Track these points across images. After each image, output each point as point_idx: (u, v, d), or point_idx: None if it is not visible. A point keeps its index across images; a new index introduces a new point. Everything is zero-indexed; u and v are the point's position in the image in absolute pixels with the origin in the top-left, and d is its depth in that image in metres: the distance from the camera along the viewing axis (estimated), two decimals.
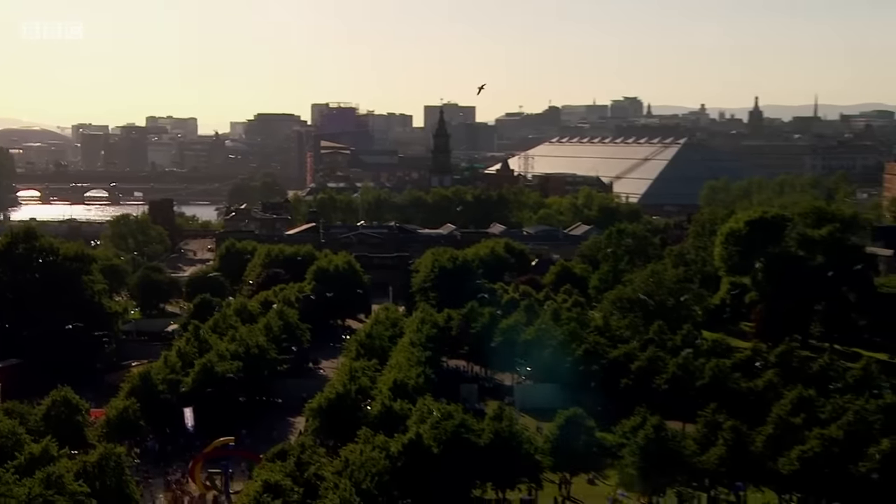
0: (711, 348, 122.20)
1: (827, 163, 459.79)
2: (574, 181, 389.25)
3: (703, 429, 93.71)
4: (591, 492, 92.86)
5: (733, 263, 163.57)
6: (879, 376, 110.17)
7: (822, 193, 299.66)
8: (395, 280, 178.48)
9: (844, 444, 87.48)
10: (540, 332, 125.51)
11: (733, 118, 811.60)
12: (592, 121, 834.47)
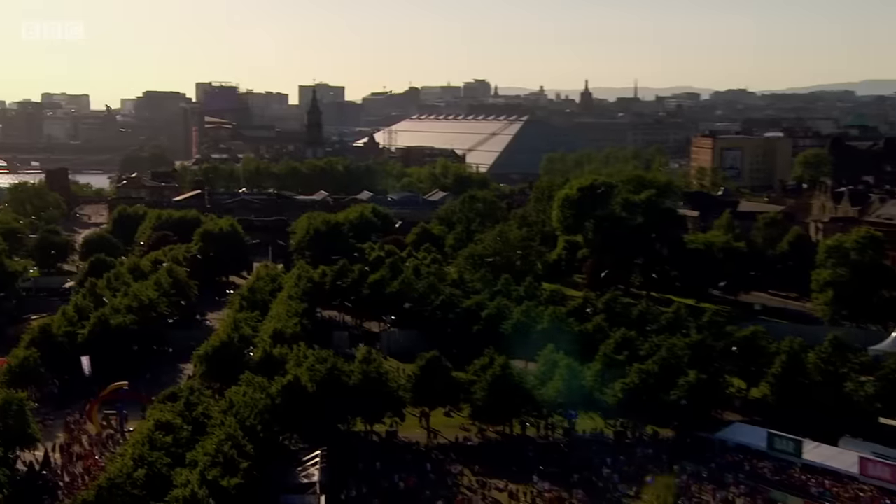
0: (550, 297, 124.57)
1: (645, 137, 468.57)
2: (432, 153, 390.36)
3: (543, 366, 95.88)
4: (447, 423, 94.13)
5: (568, 224, 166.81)
6: (687, 318, 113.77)
7: (641, 164, 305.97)
8: (274, 241, 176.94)
9: (659, 376, 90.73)
10: (403, 286, 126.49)
11: (567, 98, 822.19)
12: (447, 100, 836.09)
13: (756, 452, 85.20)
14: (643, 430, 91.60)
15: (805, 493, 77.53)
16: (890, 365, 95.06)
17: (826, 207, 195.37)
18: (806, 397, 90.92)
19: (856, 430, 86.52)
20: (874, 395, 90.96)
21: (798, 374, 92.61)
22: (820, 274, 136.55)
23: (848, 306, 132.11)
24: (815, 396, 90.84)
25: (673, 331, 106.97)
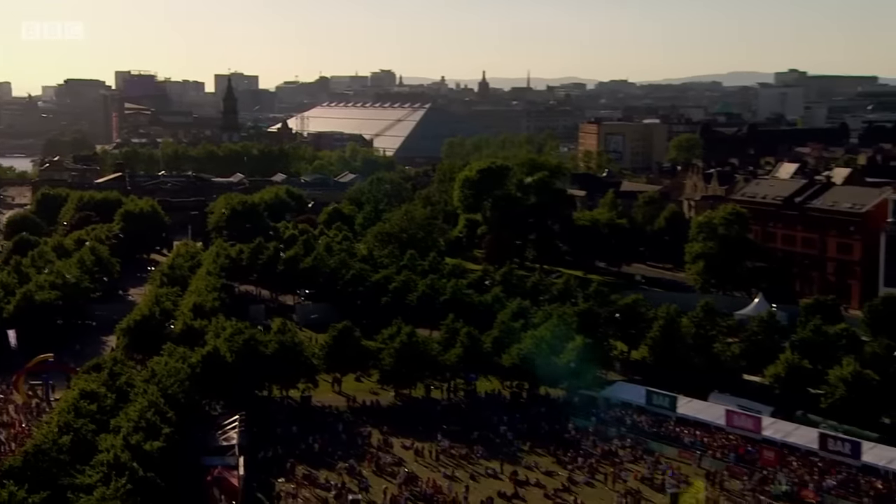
0: (452, 271, 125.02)
1: (537, 124, 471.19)
2: (342, 138, 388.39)
3: (446, 334, 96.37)
4: (358, 387, 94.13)
5: (468, 204, 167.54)
6: (576, 289, 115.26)
7: (533, 148, 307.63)
8: (193, 221, 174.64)
9: (551, 342, 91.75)
10: (316, 262, 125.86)
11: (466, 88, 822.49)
12: (356, 89, 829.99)
13: (636, 408, 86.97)
14: (536, 391, 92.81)
15: (679, 443, 79.37)
16: (752, 327, 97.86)
17: (697, 187, 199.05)
18: (680, 358, 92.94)
19: (723, 386, 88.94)
20: (739, 354, 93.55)
21: (673, 337, 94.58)
22: (692, 247, 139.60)
23: (716, 276, 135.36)
24: (688, 357, 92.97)
25: (563, 300, 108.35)
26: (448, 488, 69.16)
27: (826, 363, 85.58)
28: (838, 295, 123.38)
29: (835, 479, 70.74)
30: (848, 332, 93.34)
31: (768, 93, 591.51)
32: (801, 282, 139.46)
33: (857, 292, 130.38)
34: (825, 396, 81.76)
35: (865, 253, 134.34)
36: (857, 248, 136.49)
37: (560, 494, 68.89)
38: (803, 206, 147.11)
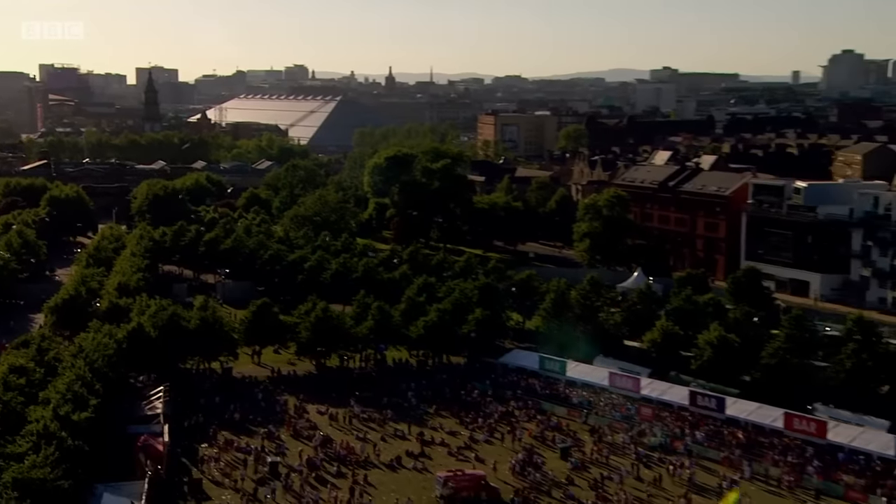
0: (363, 250, 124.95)
1: (440, 115, 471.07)
2: (258, 128, 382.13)
3: (357, 308, 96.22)
4: (276, 359, 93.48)
5: (377, 188, 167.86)
6: (476, 266, 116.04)
7: (437, 137, 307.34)
8: (118, 205, 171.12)
9: (453, 314, 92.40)
10: (235, 243, 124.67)
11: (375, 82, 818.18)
12: (271, 82, 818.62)
13: (530, 372, 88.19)
14: (440, 359, 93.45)
15: (568, 403, 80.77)
16: (632, 298, 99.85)
17: (584, 173, 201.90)
18: (570, 326, 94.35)
19: (607, 350, 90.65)
20: (621, 322, 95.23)
21: (563, 307, 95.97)
22: (579, 227, 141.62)
23: (601, 252, 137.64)
24: (577, 325, 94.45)
25: (464, 276, 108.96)
26: (360, 449, 69.35)
27: (695, 329, 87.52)
28: (706, 268, 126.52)
29: (703, 431, 72.85)
30: (714, 301, 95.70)
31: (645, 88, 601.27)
32: (674, 257, 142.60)
33: (723, 266, 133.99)
34: (695, 358, 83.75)
35: (729, 231, 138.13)
36: (722, 226, 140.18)
37: (462, 452, 69.60)
38: (676, 190, 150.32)
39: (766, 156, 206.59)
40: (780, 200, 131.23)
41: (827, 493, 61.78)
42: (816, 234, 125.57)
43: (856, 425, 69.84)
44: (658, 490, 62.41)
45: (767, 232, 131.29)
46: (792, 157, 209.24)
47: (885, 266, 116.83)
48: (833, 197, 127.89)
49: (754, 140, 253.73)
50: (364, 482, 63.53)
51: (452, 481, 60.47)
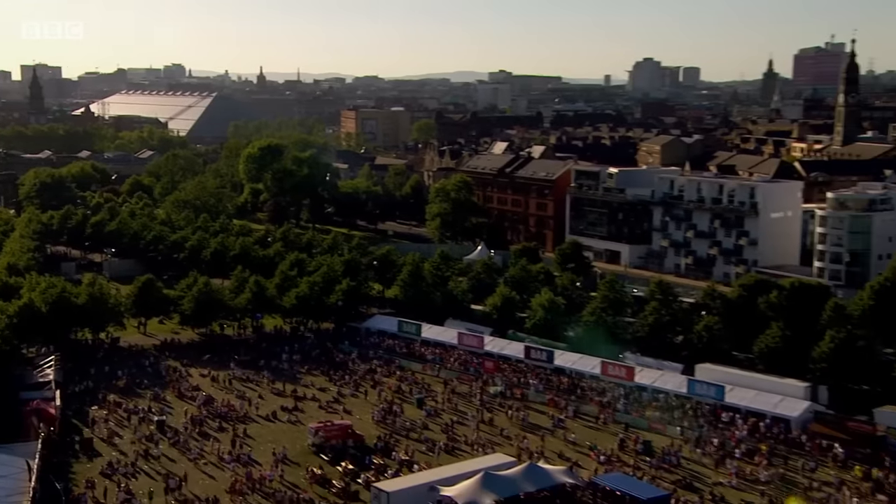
0: (239, 230, 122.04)
1: (307, 110, 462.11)
2: (139, 121, 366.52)
3: (235, 282, 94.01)
4: (161, 328, 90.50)
5: (252, 175, 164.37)
6: (342, 243, 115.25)
7: (304, 130, 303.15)
8: (6, 192, 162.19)
9: (322, 285, 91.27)
10: (120, 225, 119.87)
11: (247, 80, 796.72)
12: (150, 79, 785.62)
13: (390, 334, 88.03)
14: (311, 325, 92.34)
15: (423, 360, 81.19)
16: (477, 269, 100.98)
17: (434, 161, 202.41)
18: (424, 294, 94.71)
19: (456, 314, 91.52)
20: (467, 289, 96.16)
21: (418, 278, 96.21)
22: (431, 208, 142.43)
23: (450, 229, 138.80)
24: (430, 293, 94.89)
25: (331, 252, 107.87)
26: (240, 406, 67.92)
27: (529, 293, 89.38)
28: (537, 242, 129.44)
29: (536, 379, 74.54)
30: (544, 270, 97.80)
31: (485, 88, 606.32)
32: (511, 232, 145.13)
33: (551, 239, 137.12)
34: (528, 318, 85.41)
35: (556, 210, 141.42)
36: (550, 206, 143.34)
37: (331, 405, 69.04)
38: (512, 175, 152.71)
39: (584, 146, 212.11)
40: (596, 184, 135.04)
41: (634, 426, 64.10)
42: (626, 212, 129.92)
43: (657, 369, 72.62)
44: (499, 430, 63.52)
45: (587, 210, 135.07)
46: (605, 148, 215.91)
47: (679, 238, 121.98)
48: (638, 181, 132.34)
49: (575, 133, 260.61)
50: (244, 434, 62.23)
51: (323, 431, 59.93)
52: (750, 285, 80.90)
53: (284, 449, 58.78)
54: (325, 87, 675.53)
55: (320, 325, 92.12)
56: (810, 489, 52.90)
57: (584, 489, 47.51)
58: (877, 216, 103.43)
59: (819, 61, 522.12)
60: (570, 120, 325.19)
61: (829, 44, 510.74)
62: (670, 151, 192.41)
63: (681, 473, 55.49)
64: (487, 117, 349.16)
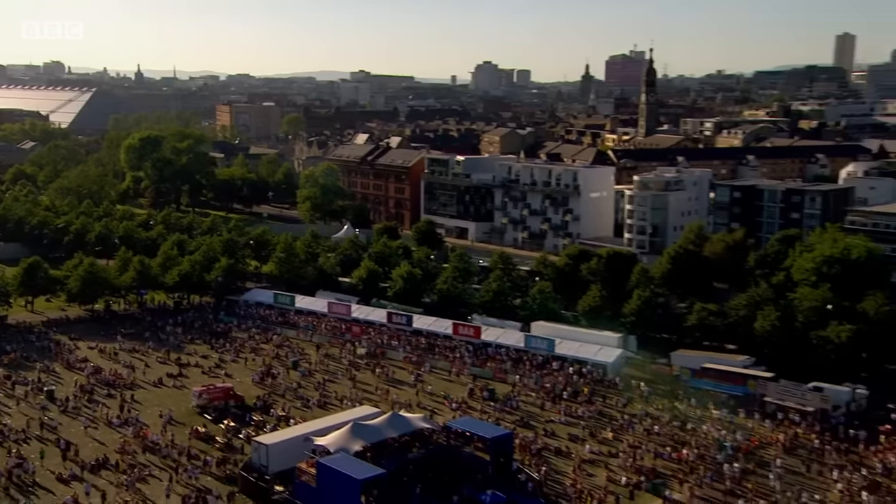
0: (122, 215, 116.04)
1: (183, 105, 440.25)
2: (21, 114, 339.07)
3: (120, 262, 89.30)
4: (48, 306, 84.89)
5: (133, 164, 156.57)
6: (221, 225, 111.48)
7: (182, 123, 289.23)
8: None
9: (203, 263, 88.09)
10: (4, 210, 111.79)
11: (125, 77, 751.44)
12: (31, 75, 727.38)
13: (266, 305, 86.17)
14: (192, 300, 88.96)
15: (297, 327, 79.87)
16: (344, 246, 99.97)
17: (303, 150, 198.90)
18: (296, 269, 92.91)
19: (326, 286, 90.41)
20: (336, 264, 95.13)
21: (291, 255, 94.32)
22: (301, 192, 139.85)
23: (319, 211, 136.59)
24: (302, 268, 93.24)
25: (211, 233, 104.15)
26: (127, 374, 64.75)
27: (390, 266, 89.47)
28: (397, 221, 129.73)
29: (398, 340, 74.90)
30: (403, 245, 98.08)
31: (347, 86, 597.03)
32: (373, 213, 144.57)
33: (408, 219, 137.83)
34: (390, 288, 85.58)
35: (412, 192, 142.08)
36: (407, 190, 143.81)
37: (213, 370, 66.87)
38: (373, 163, 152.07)
39: (435, 137, 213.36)
40: (446, 170, 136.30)
41: (482, 376, 65.52)
42: (471, 194, 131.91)
43: (499, 328, 74.34)
44: (366, 385, 63.44)
45: (438, 193, 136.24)
46: (453, 139, 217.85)
47: (516, 216, 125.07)
48: (482, 167, 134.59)
49: (427, 126, 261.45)
50: (131, 400, 59.38)
51: (206, 393, 57.99)
52: (574, 255, 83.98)
53: (170, 411, 56.52)
54: (200, 84, 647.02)
55: (202, 299, 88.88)
56: (621, 421, 55.70)
57: (439, 432, 48.18)
58: (672, 195, 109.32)
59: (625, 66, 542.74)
60: (422, 114, 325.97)
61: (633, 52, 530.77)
62: (508, 142, 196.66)
63: (519, 414, 57.21)
64: (350, 112, 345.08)
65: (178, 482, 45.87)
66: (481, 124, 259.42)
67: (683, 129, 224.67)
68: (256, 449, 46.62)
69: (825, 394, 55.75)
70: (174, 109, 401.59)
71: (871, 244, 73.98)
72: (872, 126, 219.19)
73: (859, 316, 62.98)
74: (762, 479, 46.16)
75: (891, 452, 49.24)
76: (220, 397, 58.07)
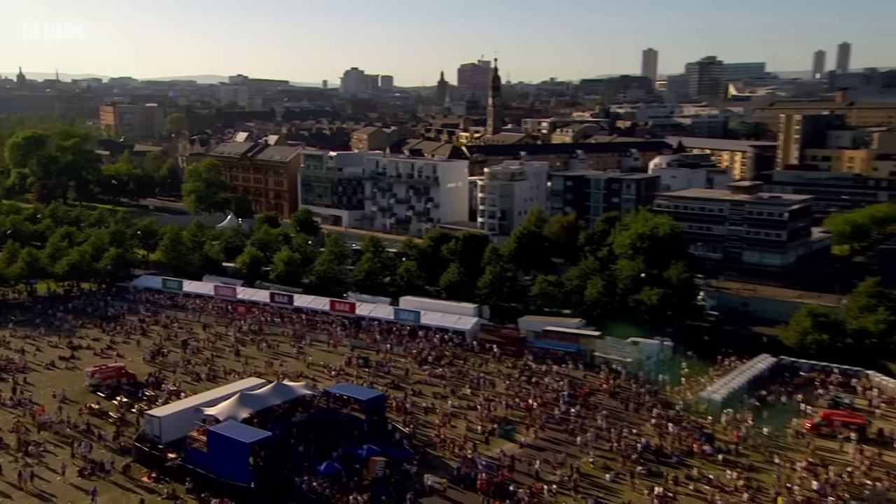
0: (8, 209, 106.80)
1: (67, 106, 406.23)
2: None
3: (7, 254, 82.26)
4: None
5: (17, 161, 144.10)
6: (108, 217, 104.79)
7: (67, 122, 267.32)
8: None
9: (91, 254, 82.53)
10: None
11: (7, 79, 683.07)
12: None
13: (156, 290, 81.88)
14: (82, 287, 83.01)
15: (186, 310, 76.34)
16: (228, 234, 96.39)
17: (186, 147, 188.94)
18: (183, 256, 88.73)
19: (212, 271, 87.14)
20: (220, 250, 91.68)
21: (178, 243, 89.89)
22: (186, 186, 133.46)
23: (203, 203, 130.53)
24: (189, 255, 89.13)
25: (99, 225, 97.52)
26: (18, 359, 59.71)
27: (272, 251, 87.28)
28: (277, 210, 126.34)
29: (280, 318, 73.30)
30: (283, 233, 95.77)
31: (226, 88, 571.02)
32: (255, 204, 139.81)
33: (287, 209, 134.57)
34: (272, 271, 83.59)
35: (290, 185, 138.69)
36: (285, 182, 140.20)
37: (105, 352, 62.89)
38: (252, 159, 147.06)
39: (310, 135, 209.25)
40: (321, 164, 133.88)
41: (357, 346, 65.26)
42: (344, 185, 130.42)
43: (371, 303, 74.27)
44: (252, 359, 61.77)
45: (314, 185, 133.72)
46: (326, 136, 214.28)
47: (384, 204, 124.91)
48: (353, 161, 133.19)
49: (302, 125, 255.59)
50: (24, 382, 54.94)
51: (98, 373, 54.53)
52: (436, 237, 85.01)
53: (63, 391, 52.75)
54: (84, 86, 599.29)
55: (91, 287, 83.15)
56: (478, 378, 57.34)
57: (319, 397, 47.77)
58: (516, 184, 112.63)
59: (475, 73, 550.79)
60: (297, 115, 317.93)
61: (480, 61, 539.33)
62: (375, 139, 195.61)
63: (391, 378, 57.62)
64: (230, 112, 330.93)
65: (74, 456, 43.02)
66: (351, 124, 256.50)
67: (524, 128, 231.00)
68: (149, 421, 44.49)
69: (640, 348, 59.58)
70: (58, 110, 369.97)
71: (673, 223, 79.30)
72: (673, 126, 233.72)
73: (665, 282, 67.57)
74: (592, 420, 48.95)
75: (689, 391, 53.55)
76: (113, 376, 54.80)
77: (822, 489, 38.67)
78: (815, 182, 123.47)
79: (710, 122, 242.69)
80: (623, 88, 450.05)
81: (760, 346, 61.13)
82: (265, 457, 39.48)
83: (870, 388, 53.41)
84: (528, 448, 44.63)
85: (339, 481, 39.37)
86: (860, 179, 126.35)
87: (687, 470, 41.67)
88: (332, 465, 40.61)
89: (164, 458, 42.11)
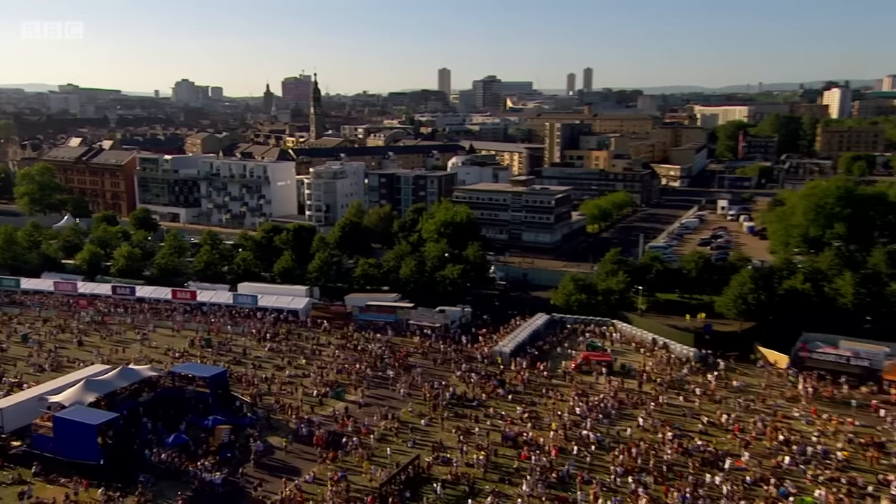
0: None
1: None
2: None
3: None
4: None
5: None
6: None
7: None
8: None
9: None
10: None
11: None
12: None
13: None
14: None
15: (24, 306, 66.31)
16: (66, 233, 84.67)
17: (17, 152, 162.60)
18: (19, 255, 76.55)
19: (51, 268, 76.57)
20: (59, 248, 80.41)
21: (12, 243, 77.21)
22: (19, 189, 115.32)
23: (38, 204, 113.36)
24: (25, 254, 77.05)
25: None
26: None
27: (112, 248, 78.14)
28: (115, 210, 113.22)
29: (124, 308, 66.14)
30: (123, 231, 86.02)
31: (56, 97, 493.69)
32: (92, 205, 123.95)
33: (125, 208, 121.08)
34: (113, 266, 74.76)
35: (127, 186, 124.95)
36: (122, 184, 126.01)
37: None
38: (88, 162, 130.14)
39: (145, 140, 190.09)
40: (157, 167, 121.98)
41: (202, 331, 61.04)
42: (180, 185, 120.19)
43: (211, 290, 68.83)
44: (98, 347, 55.13)
45: (151, 185, 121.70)
46: (161, 141, 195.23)
47: (220, 201, 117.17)
48: (187, 164, 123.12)
49: (136, 131, 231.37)
50: None
51: None
52: (269, 229, 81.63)
53: None
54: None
55: None
56: (311, 350, 56.29)
57: (165, 377, 44.18)
58: (338, 182, 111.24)
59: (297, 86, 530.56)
60: (131, 122, 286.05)
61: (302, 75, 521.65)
62: (208, 143, 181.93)
63: (232, 355, 54.68)
64: (62, 119, 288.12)
65: None
66: (184, 130, 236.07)
67: (343, 133, 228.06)
68: None
69: (446, 314, 61.43)
70: None
71: (469, 211, 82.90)
72: (465, 131, 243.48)
73: (464, 260, 70.53)
74: (409, 377, 50.13)
75: (485, 346, 56.20)
76: None
77: (583, 413, 42.85)
78: (572, 176, 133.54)
79: (493, 128, 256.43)
80: (424, 100, 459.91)
81: (538, 306, 63.99)
82: (113, 435, 35.90)
83: (615, 334, 58.53)
84: (357, 405, 44.72)
85: (188, 450, 37.02)
86: (603, 174, 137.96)
87: (485, 409, 44.01)
88: (180, 436, 38.01)
89: (8, 446, 36.95)
